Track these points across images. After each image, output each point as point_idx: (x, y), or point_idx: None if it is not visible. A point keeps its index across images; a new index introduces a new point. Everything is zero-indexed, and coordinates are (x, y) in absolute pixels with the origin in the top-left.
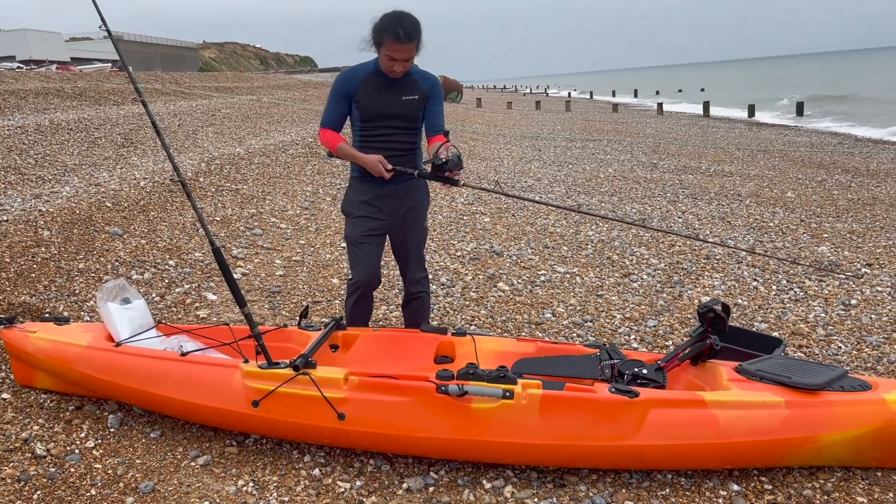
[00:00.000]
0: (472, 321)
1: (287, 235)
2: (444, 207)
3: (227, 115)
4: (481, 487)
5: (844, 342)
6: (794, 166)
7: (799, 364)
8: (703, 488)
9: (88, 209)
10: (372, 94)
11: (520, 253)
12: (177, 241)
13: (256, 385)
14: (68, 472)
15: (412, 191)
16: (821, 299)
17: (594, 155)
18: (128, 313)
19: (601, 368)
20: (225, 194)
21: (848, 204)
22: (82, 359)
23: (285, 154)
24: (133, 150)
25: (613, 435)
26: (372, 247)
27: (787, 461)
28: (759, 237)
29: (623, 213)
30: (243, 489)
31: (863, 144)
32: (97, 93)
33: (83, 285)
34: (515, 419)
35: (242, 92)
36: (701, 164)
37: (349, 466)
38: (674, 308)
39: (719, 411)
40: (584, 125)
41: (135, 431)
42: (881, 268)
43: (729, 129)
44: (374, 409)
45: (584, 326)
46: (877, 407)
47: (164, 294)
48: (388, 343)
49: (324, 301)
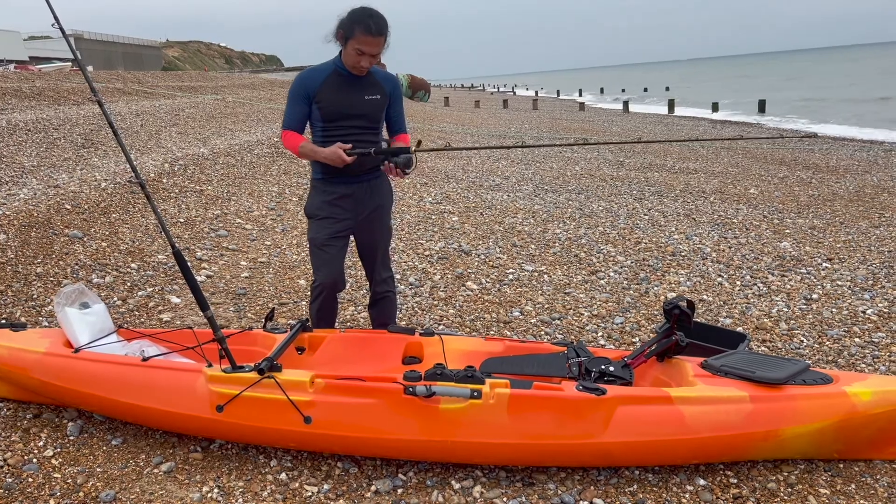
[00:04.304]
0: (441, 321)
1: (253, 236)
2: (413, 207)
3: (190, 115)
4: (450, 488)
5: (806, 336)
6: (756, 163)
7: (762, 359)
8: (671, 483)
9: (47, 212)
10: (334, 94)
11: (488, 252)
12: (139, 244)
13: (220, 389)
14: (26, 483)
15: (377, 190)
16: (783, 294)
17: (561, 153)
18: (87, 318)
19: (569, 366)
20: (189, 195)
21: (809, 200)
22: (39, 366)
23: (251, 154)
24: (94, 150)
25: (581, 433)
26: (336, 249)
27: (752, 455)
28: (723, 233)
29: (590, 212)
30: (208, 495)
31: (823, 141)
32: (56, 92)
33: (41, 290)
34: (484, 419)
35: (207, 91)
36: (666, 161)
37: (316, 470)
38: (640, 305)
39: (685, 407)
40: (551, 124)
41: (95, 439)
42: (841, 262)
43: (693, 127)
44: (341, 412)
45: (551, 324)
46: (838, 400)
47: (126, 298)
48: (355, 344)
49: (290, 303)
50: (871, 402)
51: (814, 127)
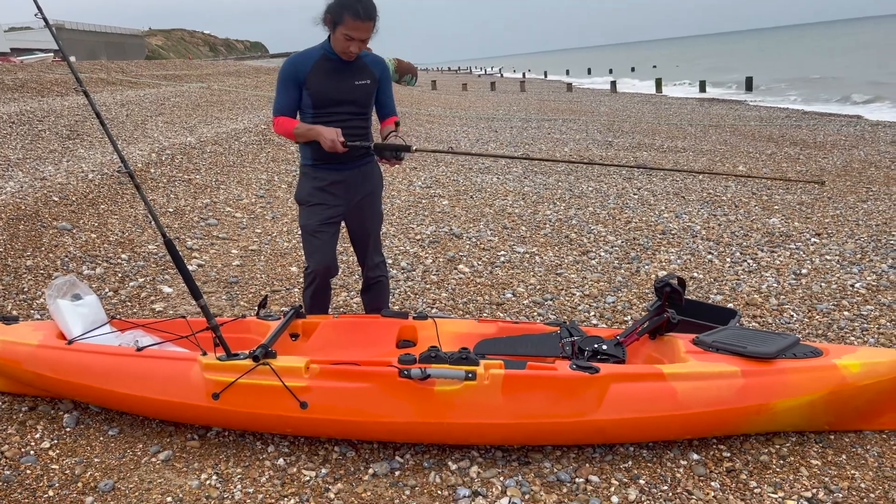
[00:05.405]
0: (434, 304)
1: (243, 225)
2: (402, 192)
3: (176, 104)
4: (447, 469)
5: (796, 311)
6: (744, 140)
7: (753, 334)
8: (665, 459)
9: (34, 204)
10: (323, 80)
11: (479, 234)
12: (129, 235)
13: (216, 377)
14: (24, 475)
15: (368, 176)
16: (773, 270)
17: (550, 134)
18: (79, 310)
19: (562, 346)
20: (177, 185)
21: (797, 176)
22: (33, 358)
23: (238, 142)
24: (80, 142)
25: (576, 411)
26: (328, 235)
27: (745, 429)
28: (712, 211)
29: (580, 192)
30: (206, 483)
31: (809, 118)
32: (39, 84)
33: (32, 283)
34: (479, 400)
35: (192, 80)
36: (655, 140)
37: (314, 454)
38: (631, 284)
39: (678, 383)
40: (539, 105)
41: (92, 430)
42: (829, 237)
43: (681, 106)
44: (337, 397)
45: (544, 305)
46: (828, 372)
47: (118, 289)
48: (348, 330)
49: (283, 290)
50: (861, 374)
51: (800, 105)
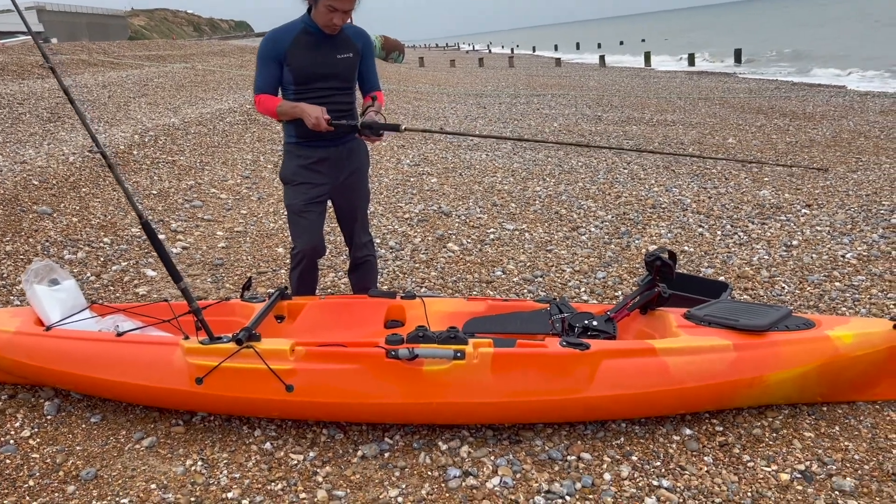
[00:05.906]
0: (423, 283)
1: (228, 206)
2: (390, 170)
3: (159, 85)
4: (437, 449)
5: (788, 282)
6: (734, 112)
7: (745, 307)
8: (657, 434)
9: (14, 188)
10: (304, 54)
11: (468, 212)
12: (111, 218)
13: (199, 361)
14: (3, 464)
15: (354, 153)
16: (764, 242)
17: (539, 110)
18: (57, 295)
19: (552, 323)
20: (161, 166)
21: (787, 147)
22: (11, 345)
23: (223, 122)
24: (60, 124)
25: (566, 388)
26: (315, 215)
27: (737, 402)
28: (702, 184)
29: (570, 168)
30: (192, 469)
31: (798, 89)
32: (20, 66)
33: (11, 268)
34: (468, 379)
35: (175, 60)
36: (644, 114)
37: (301, 438)
38: (622, 259)
39: (669, 358)
40: (527, 80)
41: (74, 417)
42: (820, 208)
43: (670, 79)
44: (324, 379)
45: (534, 282)
46: (820, 344)
47: (100, 273)
48: (335, 310)
49: (269, 271)
50: (853, 345)
51: (790, 76)
